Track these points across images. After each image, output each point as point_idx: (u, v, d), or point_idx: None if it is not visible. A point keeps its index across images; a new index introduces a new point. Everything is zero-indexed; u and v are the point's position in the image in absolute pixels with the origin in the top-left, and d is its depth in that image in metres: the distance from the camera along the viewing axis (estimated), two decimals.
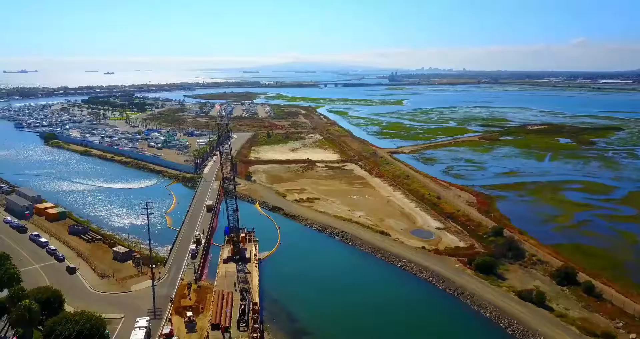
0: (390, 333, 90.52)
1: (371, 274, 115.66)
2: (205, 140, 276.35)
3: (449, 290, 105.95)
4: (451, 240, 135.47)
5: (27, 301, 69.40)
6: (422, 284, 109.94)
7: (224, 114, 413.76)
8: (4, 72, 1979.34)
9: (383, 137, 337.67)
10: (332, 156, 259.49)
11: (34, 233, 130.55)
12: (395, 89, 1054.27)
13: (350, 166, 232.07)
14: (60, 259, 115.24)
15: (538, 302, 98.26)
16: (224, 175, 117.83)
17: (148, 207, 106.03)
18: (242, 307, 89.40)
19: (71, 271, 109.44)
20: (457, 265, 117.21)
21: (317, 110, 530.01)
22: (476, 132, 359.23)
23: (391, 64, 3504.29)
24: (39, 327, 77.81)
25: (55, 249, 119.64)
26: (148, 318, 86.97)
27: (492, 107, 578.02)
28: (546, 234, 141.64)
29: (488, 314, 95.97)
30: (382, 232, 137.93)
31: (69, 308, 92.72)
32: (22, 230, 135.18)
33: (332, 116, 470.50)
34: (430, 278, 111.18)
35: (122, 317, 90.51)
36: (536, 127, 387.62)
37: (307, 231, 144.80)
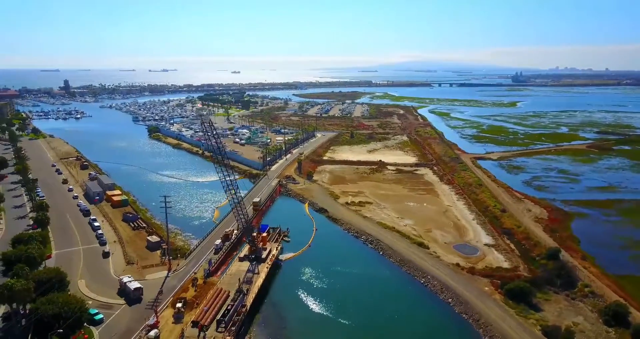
0: None
1: (386, 289, 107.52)
2: (280, 138, 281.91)
3: (464, 315, 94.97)
4: (495, 259, 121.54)
5: (11, 280, 75.98)
6: (439, 305, 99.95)
7: (203, 113, 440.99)
8: (149, 70, 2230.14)
9: (476, 141, 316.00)
10: (409, 159, 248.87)
11: (92, 217, 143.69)
12: (515, 90, 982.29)
13: (422, 171, 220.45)
14: (103, 243, 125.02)
15: None
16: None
17: (166, 200, 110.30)
18: (229, 307, 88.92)
19: (105, 255, 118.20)
20: (486, 288, 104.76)
21: (418, 110, 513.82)
22: (587, 139, 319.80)
23: (520, 63, 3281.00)
24: None
25: (102, 234, 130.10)
26: (129, 275, 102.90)
27: (622, 112, 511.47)
28: (618, 262, 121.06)
29: None
30: (420, 244, 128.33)
31: (85, 289, 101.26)
32: (86, 213, 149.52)
33: (431, 117, 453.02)
34: (450, 300, 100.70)
35: (124, 304, 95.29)
36: None
37: (344, 235, 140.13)
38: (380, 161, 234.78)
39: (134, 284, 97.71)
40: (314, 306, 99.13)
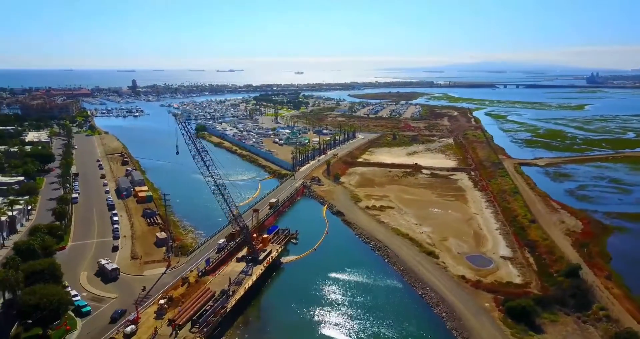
0: None
1: (381, 299, 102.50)
2: (316, 139, 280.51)
3: (454, 332, 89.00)
4: (508, 273, 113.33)
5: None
6: (432, 319, 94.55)
7: (178, 113, 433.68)
8: (217, 71, 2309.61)
9: (527, 145, 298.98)
10: (448, 162, 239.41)
11: (114, 212, 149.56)
12: (587, 92, 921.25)
13: (458, 176, 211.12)
14: (116, 237, 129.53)
15: None
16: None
17: (165, 198, 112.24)
18: (208, 308, 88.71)
19: (114, 249, 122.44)
20: (487, 304, 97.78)
21: (474, 112, 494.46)
22: None
23: (601, 64, 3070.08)
24: None
25: (117, 228, 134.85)
26: (107, 258, 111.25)
27: None
28: None
29: None
30: (429, 253, 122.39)
31: (84, 281, 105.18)
32: (111, 208, 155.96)
33: (485, 119, 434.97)
34: (443, 314, 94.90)
35: (115, 297, 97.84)
36: None
37: (354, 240, 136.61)
38: (416, 164, 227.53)
39: (111, 266, 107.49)
40: (302, 312, 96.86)
